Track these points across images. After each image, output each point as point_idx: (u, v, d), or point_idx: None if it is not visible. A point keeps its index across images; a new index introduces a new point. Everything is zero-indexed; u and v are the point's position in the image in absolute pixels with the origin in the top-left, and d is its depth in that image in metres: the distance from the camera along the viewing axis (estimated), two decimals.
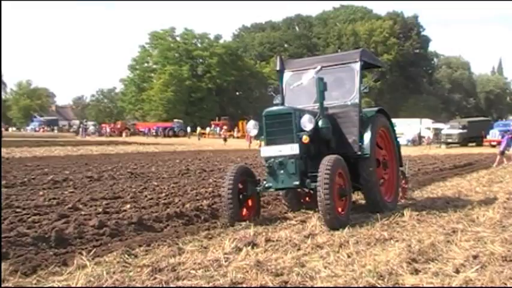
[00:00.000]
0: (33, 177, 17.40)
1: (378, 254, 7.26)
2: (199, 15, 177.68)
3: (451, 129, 61.82)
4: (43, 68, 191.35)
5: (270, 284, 5.79)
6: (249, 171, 10.97)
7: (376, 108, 12.18)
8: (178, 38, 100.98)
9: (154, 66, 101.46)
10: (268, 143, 10.28)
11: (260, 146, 10.52)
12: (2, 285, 5.71)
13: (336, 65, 11.69)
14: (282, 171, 10.05)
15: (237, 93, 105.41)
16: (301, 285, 5.89)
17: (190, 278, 6.16)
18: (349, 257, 7.10)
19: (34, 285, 5.49)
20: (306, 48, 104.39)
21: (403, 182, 13.26)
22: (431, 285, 5.85)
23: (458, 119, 74.38)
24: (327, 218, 9.14)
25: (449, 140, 58.30)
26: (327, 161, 9.46)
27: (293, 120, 10.14)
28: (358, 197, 12.32)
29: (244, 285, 5.89)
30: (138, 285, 5.97)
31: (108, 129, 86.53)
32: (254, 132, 10.76)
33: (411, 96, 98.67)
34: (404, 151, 15.77)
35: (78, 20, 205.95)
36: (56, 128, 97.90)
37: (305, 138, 9.95)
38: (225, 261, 6.83)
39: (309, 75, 11.36)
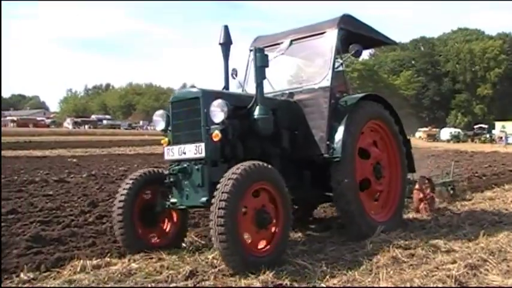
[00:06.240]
0: None
1: (489, 234, 6.77)
2: None
3: None
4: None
5: (400, 256, 5.63)
6: (162, 178, 5.96)
7: (362, 94, 7.04)
8: None
9: None
10: (174, 141, 5.86)
11: (166, 145, 5.94)
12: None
13: (308, 36, 7.14)
14: (186, 182, 5.65)
15: None
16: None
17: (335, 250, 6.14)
18: (465, 236, 6.71)
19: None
20: (430, 64, 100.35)
21: (427, 191, 8.63)
22: None
23: None
24: (224, 258, 4.91)
25: None
26: (234, 170, 5.00)
27: (201, 109, 5.60)
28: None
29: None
30: None
31: None
32: (161, 125, 6.07)
33: None
34: None
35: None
36: None
37: (215, 135, 5.43)
38: (364, 238, 6.68)
39: (278, 52, 7.15)
